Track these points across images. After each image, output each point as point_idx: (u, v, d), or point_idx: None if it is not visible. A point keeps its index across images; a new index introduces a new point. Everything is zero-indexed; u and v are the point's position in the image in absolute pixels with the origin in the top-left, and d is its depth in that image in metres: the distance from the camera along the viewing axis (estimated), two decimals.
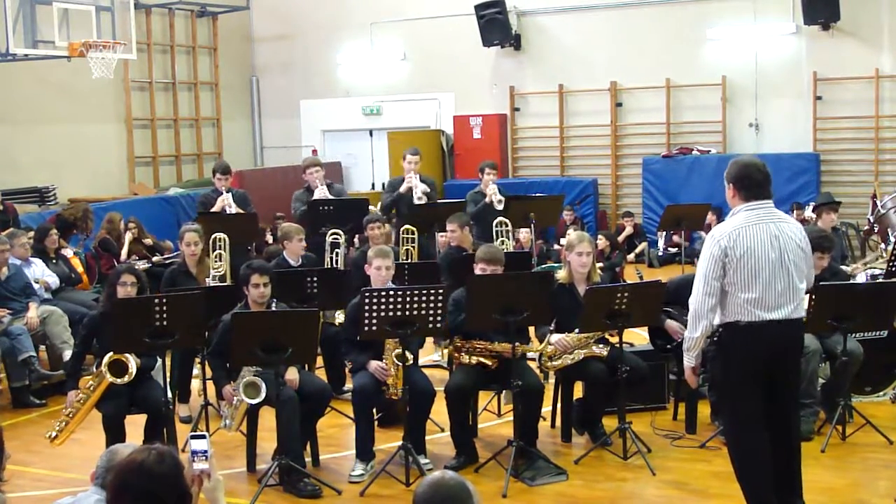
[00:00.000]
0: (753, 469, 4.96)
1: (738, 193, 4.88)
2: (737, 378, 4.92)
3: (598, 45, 16.23)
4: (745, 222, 4.83)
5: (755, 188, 4.86)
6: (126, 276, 6.47)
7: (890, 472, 6.07)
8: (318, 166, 9.90)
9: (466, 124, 17.13)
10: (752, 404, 4.90)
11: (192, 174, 18.00)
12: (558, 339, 6.36)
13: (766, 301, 4.79)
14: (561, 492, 5.85)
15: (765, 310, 4.79)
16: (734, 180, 4.90)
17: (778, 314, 4.80)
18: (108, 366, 6.00)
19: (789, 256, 4.82)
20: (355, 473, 6.15)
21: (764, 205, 4.87)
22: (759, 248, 4.77)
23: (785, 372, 4.95)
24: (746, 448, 4.97)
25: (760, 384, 4.89)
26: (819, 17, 14.36)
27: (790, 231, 4.89)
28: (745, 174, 4.87)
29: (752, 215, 4.83)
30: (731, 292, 4.84)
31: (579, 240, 6.64)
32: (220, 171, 9.85)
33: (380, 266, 6.49)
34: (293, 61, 18.73)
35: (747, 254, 4.77)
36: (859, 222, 13.12)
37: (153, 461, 3.00)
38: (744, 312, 4.81)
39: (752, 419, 4.91)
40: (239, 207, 9.68)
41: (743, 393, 4.91)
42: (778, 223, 4.86)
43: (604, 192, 16.57)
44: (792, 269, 4.82)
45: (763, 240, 4.78)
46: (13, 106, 14.76)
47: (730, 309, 4.87)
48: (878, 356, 7.07)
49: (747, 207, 4.86)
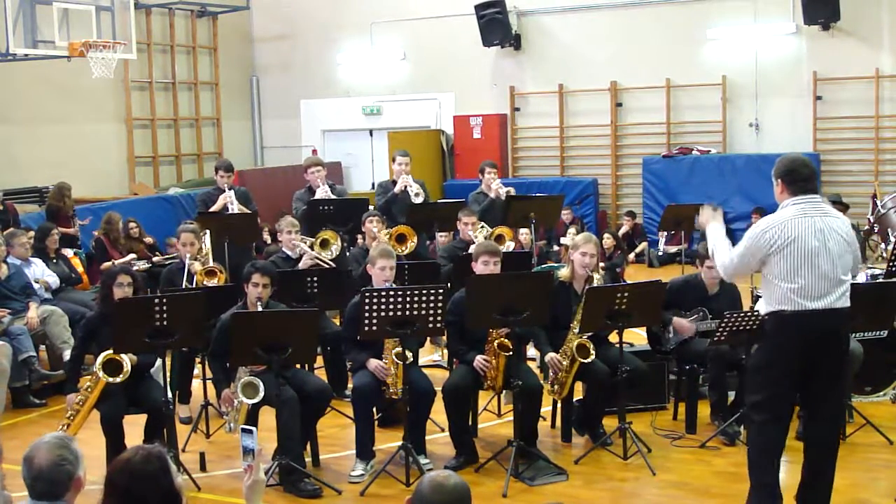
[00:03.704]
0: (766, 461, 5.05)
1: (787, 189, 5.05)
2: (776, 366, 5.02)
3: (598, 45, 16.23)
4: (792, 215, 4.98)
5: (802, 182, 5.02)
6: (122, 277, 6.46)
7: (890, 472, 6.07)
8: (320, 166, 9.87)
9: (466, 124, 17.14)
10: (783, 397, 5.02)
11: (192, 174, 18.01)
12: (550, 358, 6.40)
13: (809, 291, 4.92)
14: (561, 492, 5.85)
15: (808, 299, 4.92)
16: (782, 176, 5.07)
17: (821, 304, 4.92)
18: (102, 365, 5.99)
19: (833, 248, 4.95)
20: (355, 473, 6.15)
21: (811, 199, 5.02)
22: (804, 240, 4.91)
23: (828, 362, 5.03)
24: (765, 439, 5.07)
25: (797, 379, 4.99)
26: (819, 16, 14.37)
27: (836, 224, 5.03)
28: (793, 169, 5.04)
29: (799, 209, 4.98)
30: (775, 282, 4.98)
31: (585, 241, 6.64)
32: (223, 169, 9.84)
33: (384, 266, 6.49)
34: (293, 61, 18.74)
35: (792, 245, 4.92)
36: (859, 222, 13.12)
37: (139, 461, 3.02)
38: (788, 302, 4.94)
39: (778, 411, 5.04)
40: (241, 205, 9.69)
41: (778, 384, 5.01)
42: (823, 217, 5.00)
43: (604, 192, 16.57)
44: (836, 260, 4.96)
45: (808, 232, 4.93)
46: (13, 106, 14.77)
47: (774, 298, 5.00)
48: (878, 356, 7.07)
49: (795, 202, 5.01)
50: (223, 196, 9.64)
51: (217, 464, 6.53)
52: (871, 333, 6.86)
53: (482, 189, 9.80)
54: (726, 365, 6.60)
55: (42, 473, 3.28)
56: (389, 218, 9.39)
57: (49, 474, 3.28)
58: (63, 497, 3.30)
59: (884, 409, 7.08)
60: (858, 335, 6.73)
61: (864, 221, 12.17)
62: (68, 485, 3.30)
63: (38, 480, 3.29)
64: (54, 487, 3.29)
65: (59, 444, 3.34)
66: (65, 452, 3.32)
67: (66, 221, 12.22)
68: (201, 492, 6.02)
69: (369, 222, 8.52)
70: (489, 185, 9.70)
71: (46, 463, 3.28)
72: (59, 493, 3.30)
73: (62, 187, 12.11)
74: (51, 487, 3.29)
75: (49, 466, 3.28)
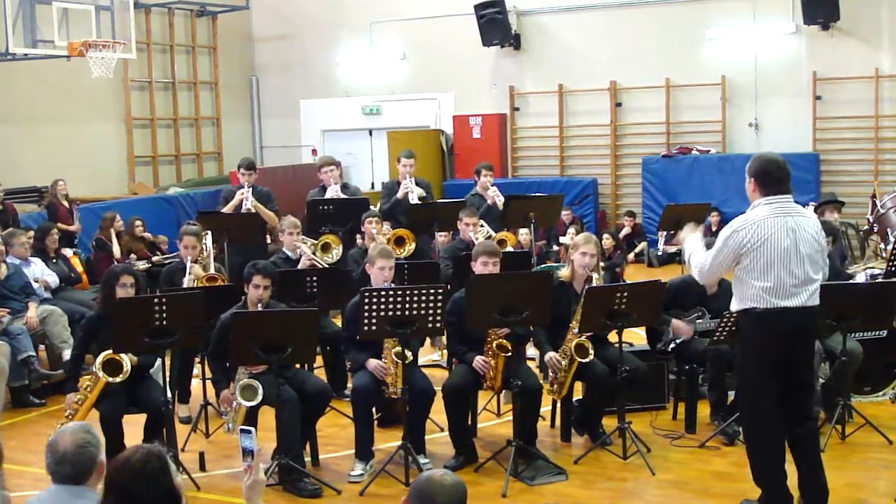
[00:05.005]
0: (767, 453, 5.11)
1: (759, 188, 5.10)
2: (754, 363, 5.11)
3: (598, 45, 16.24)
4: (764, 215, 5.02)
5: (775, 184, 5.08)
6: (125, 277, 6.44)
7: (890, 472, 6.07)
8: (333, 165, 9.84)
9: (466, 124, 17.14)
10: (768, 390, 5.08)
11: (191, 174, 18.02)
12: (549, 357, 6.40)
13: (780, 289, 4.98)
14: (561, 492, 5.85)
15: (779, 298, 4.98)
16: (755, 175, 5.12)
17: (792, 302, 4.99)
18: (102, 365, 5.98)
19: (804, 248, 5.01)
20: (354, 473, 6.15)
21: (783, 199, 5.07)
22: (776, 239, 4.97)
23: (800, 359, 5.13)
24: (761, 433, 5.14)
25: (776, 371, 5.06)
26: (819, 16, 14.37)
27: (806, 224, 5.09)
28: (767, 170, 5.10)
29: (771, 208, 5.03)
30: (746, 280, 5.04)
31: (585, 241, 6.65)
32: (244, 167, 9.87)
33: (383, 266, 6.49)
34: (293, 61, 18.73)
35: (764, 244, 4.97)
36: (859, 222, 13.11)
37: (138, 460, 3.03)
38: (759, 300, 5.01)
39: (767, 405, 5.10)
40: (261, 204, 9.70)
41: (759, 378, 5.09)
42: (795, 216, 5.06)
43: (604, 192, 16.58)
44: (806, 259, 5.02)
45: (780, 231, 4.98)
46: (13, 106, 14.77)
47: (746, 296, 5.07)
48: (878, 356, 7.07)
49: (767, 201, 5.06)
50: (239, 193, 9.70)
51: (216, 463, 6.53)
52: (870, 333, 6.86)
53: (478, 191, 9.77)
54: (726, 365, 6.59)
55: (66, 457, 3.34)
56: (394, 221, 9.39)
57: (73, 457, 3.34)
58: (86, 481, 3.36)
59: (884, 409, 7.08)
60: (858, 335, 6.74)
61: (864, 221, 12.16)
62: (92, 468, 3.36)
63: (63, 464, 3.35)
64: (78, 470, 3.35)
65: (82, 429, 3.44)
66: (88, 437, 3.41)
67: (67, 219, 12.35)
68: (201, 491, 6.02)
69: (368, 223, 8.51)
70: (485, 188, 9.67)
71: (71, 446, 3.35)
72: (83, 477, 3.36)
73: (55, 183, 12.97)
74: (75, 471, 3.35)
75: (73, 450, 3.35)
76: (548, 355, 6.41)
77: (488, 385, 6.31)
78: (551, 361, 6.39)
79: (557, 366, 6.38)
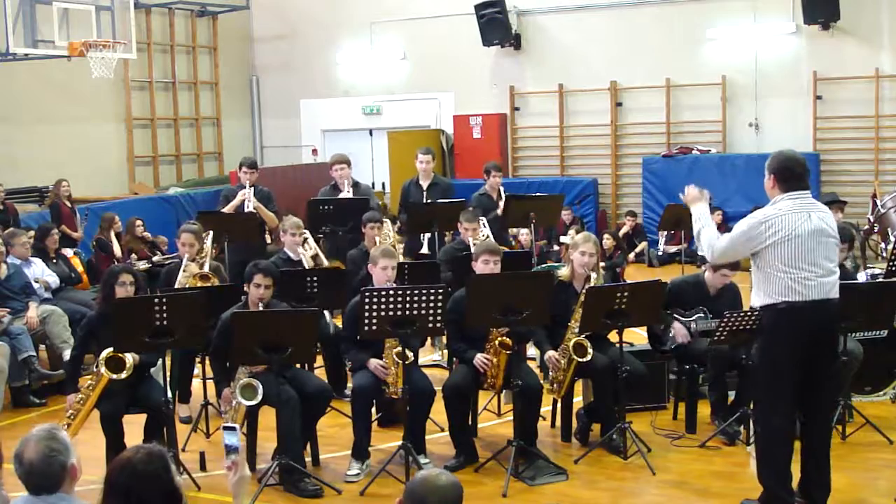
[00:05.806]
0: (777, 453, 5.12)
1: (779, 185, 5.18)
2: (775, 358, 5.12)
3: (598, 44, 16.23)
4: (789, 209, 5.10)
5: (796, 180, 5.17)
6: (124, 276, 6.45)
7: (890, 472, 6.07)
8: (344, 163, 9.79)
9: (466, 124, 17.13)
10: (787, 387, 5.09)
11: (192, 174, 18.02)
12: (548, 357, 6.41)
13: (808, 283, 5.03)
14: (561, 491, 5.85)
15: (807, 291, 5.03)
16: (776, 171, 5.19)
17: (818, 295, 5.05)
18: (105, 362, 5.98)
19: (824, 243, 5.09)
20: (351, 473, 6.15)
21: (803, 195, 5.16)
22: (798, 234, 5.04)
23: (821, 353, 5.14)
24: (774, 430, 5.14)
25: (797, 368, 5.07)
26: (819, 16, 14.36)
27: (827, 219, 5.18)
28: (787, 167, 5.19)
29: (794, 203, 5.11)
30: (770, 273, 5.09)
31: (585, 240, 6.66)
32: (246, 166, 9.85)
33: (385, 266, 6.50)
34: (293, 61, 18.73)
35: (791, 237, 5.04)
36: (859, 222, 13.11)
37: (140, 460, 3.02)
38: (787, 293, 5.05)
39: (784, 402, 5.11)
40: (262, 205, 9.69)
41: (780, 374, 5.10)
42: (815, 212, 5.14)
43: (604, 192, 16.57)
44: (829, 253, 5.11)
45: (802, 226, 5.06)
46: (13, 105, 14.77)
47: (769, 290, 5.11)
48: (878, 356, 7.06)
49: (790, 196, 5.14)
50: (240, 193, 9.69)
51: (217, 463, 6.51)
52: (870, 333, 6.85)
53: (486, 191, 9.74)
54: (726, 365, 6.60)
55: (34, 468, 3.26)
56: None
57: (41, 467, 3.26)
58: (60, 488, 3.28)
59: (884, 409, 7.09)
60: (858, 335, 6.73)
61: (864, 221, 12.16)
62: (63, 475, 3.28)
63: (32, 475, 3.28)
64: (48, 480, 3.27)
65: (46, 437, 3.32)
66: (53, 443, 3.30)
67: (70, 221, 12.30)
68: (201, 491, 6.02)
69: (370, 228, 8.45)
70: (494, 188, 9.65)
71: (37, 456, 3.26)
72: (54, 485, 3.28)
73: (58, 183, 13.12)
74: (45, 480, 3.27)
75: (40, 459, 3.26)
76: (547, 354, 6.41)
77: (489, 384, 6.31)
78: (550, 361, 6.40)
79: (557, 365, 6.39)
